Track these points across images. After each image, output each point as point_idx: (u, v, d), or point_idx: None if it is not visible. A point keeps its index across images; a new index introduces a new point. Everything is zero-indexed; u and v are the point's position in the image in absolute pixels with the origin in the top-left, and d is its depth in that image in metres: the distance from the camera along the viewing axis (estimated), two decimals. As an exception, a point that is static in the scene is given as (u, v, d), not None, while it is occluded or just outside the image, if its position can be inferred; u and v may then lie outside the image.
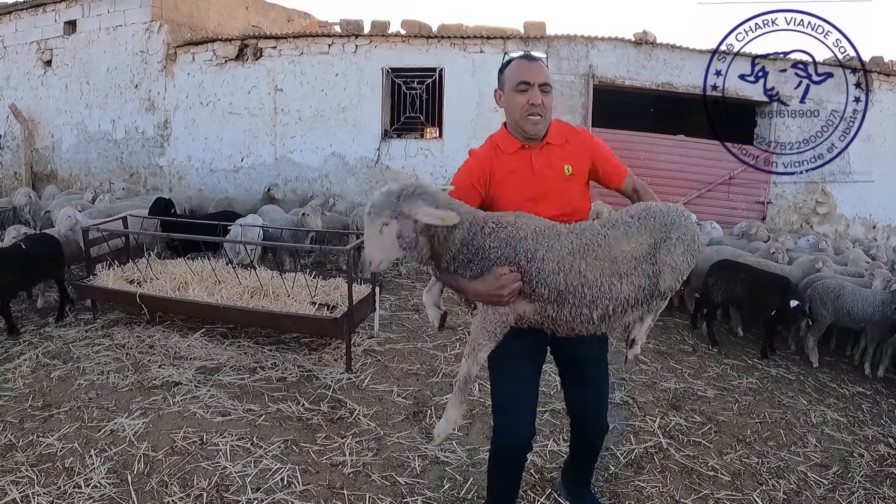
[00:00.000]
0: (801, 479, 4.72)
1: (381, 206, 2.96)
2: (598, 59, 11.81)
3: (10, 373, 5.94)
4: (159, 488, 4.19)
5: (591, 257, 2.95)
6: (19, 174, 16.33)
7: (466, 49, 12.08)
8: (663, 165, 11.89)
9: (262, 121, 13.55)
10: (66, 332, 7.00)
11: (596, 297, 2.97)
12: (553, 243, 2.97)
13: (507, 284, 2.92)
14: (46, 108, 16.09)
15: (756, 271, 7.57)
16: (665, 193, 11.68)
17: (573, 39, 11.82)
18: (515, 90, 3.24)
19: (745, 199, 11.97)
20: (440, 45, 12.14)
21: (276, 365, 6.24)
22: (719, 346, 7.50)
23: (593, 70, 11.77)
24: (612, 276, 2.96)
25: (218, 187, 13.60)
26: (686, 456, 4.92)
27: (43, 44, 15.90)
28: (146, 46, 14.43)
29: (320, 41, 12.95)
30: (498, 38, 12.02)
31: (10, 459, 4.51)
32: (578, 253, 2.95)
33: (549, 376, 6.25)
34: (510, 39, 11.96)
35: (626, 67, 11.88)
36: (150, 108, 14.62)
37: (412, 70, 12.40)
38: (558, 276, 2.94)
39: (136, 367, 6.11)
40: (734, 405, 5.92)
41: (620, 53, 11.86)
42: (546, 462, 4.73)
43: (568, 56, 11.82)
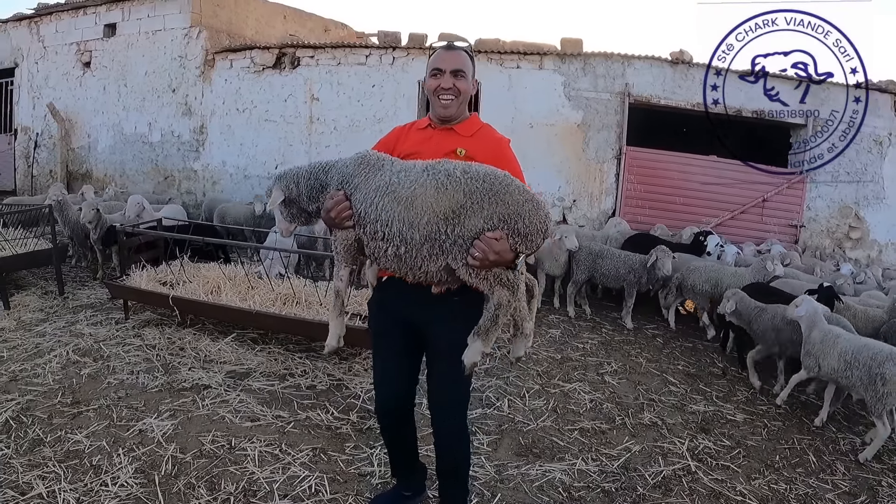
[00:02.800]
0: (829, 507, 4.65)
1: (271, 185, 3.62)
2: (635, 77, 11.78)
3: (39, 368, 5.98)
4: (186, 490, 4.19)
5: (391, 197, 3.08)
6: (55, 172, 16.53)
7: (503, 64, 12.10)
8: (696, 186, 11.82)
9: (297, 129, 13.63)
10: (97, 331, 7.04)
11: (389, 236, 3.09)
12: (373, 176, 3.20)
13: (332, 207, 3.24)
14: (84, 109, 16.30)
15: (787, 297, 7.48)
16: (698, 214, 11.67)
17: (610, 57, 11.80)
18: (430, 75, 3.55)
19: (778, 222, 11.86)
20: (477, 59, 12.04)
21: (307, 372, 6.24)
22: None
23: (629, 88, 11.74)
24: (404, 222, 3.05)
25: (251, 194, 13.63)
26: (714, 479, 4.86)
27: (83, 45, 16.13)
28: (185, 51, 14.59)
29: (358, 52, 13.02)
30: (535, 54, 12.01)
31: (37, 454, 4.53)
32: (383, 190, 3.12)
33: (579, 394, 6.26)
34: (547, 56, 11.96)
35: (662, 87, 11.84)
36: (187, 113, 14.76)
37: (448, 83, 12.32)
38: (364, 207, 3.16)
39: (166, 368, 6.14)
40: (763, 430, 5.85)
41: (657, 72, 11.82)
42: (574, 481, 4.69)
43: (604, 74, 11.80)
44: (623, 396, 6.34)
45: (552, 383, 6.54)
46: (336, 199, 3.23)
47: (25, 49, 17.10)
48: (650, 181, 11.84)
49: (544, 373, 6.83)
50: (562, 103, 11.92)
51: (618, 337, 8.28)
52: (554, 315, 8.98)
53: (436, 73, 3.51)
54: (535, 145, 12.03)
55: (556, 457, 5.04)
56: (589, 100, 11.86)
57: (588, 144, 11.90)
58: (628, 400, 6.26)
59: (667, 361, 7.48)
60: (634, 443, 5.36)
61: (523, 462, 4.91)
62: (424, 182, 3.02)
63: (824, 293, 6.96)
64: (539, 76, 11.98)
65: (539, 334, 8.12)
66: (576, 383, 6.56)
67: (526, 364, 7.02)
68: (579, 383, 6.57)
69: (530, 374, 6.76)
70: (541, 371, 6.87)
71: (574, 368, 7.04)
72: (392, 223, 3.05)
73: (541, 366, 7.03)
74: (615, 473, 4.85)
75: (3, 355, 6.26)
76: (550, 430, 5.48)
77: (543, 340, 7.90)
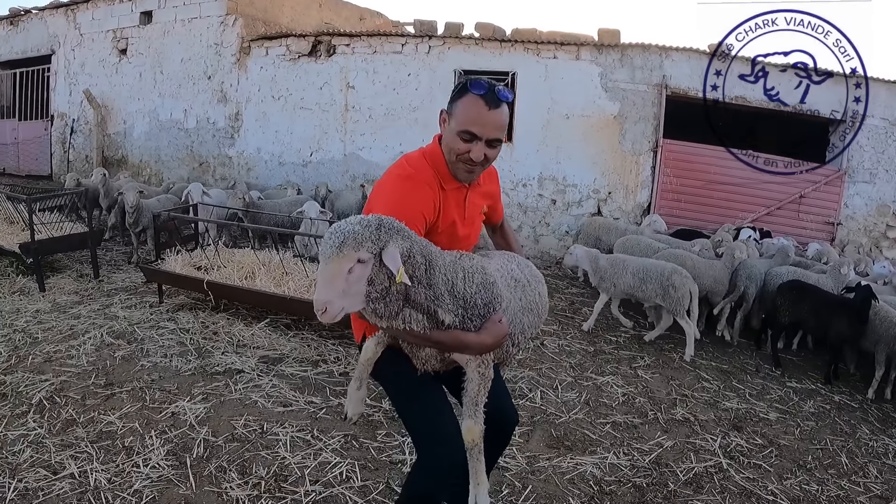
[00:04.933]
0: (861, 510, 4.58)
1: (361, 238, 2.36)
2: (672, 69, 11.62)
3: (74, 349, 6.06)
4: (217, 473, 4.22)
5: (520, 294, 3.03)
6: (90, 158, 16.67)
7: (540, 54, 12.00)
8: (734, 180, 11.66)
9: (332, 117, 13.61)
10: (132, 314, 7.11)
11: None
12: (507, 288, 2.93)
13: (506, 331, 2.75)
14: (119, 96, 16.42)
15: (826, 294, 7.38)
16: (734, 209, 11.52)
17: (647, 49, 11.66)
18: (458, 133, 2.82)
19: (815, 219, 11.66)
20: (513, 49, 12.06)
21: (339, 359, 6.26)
22: (782, 368, 7.33)
23: (666, 80, 11.61)
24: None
25: (286, 181, 13.67)
26: (746, 478, 4.82)
27: (119, 32, 16.21)
28: (220, 39, 14.64)
29: (393, 40, 12.98)
30: (572, 44, 11.89)
31: (70, 434, 4.59)
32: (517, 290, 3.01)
33: (611, 387, 6.23)
34: (584, 46, 11.83)
35: (700, 79, 11.69)
36: (222, 100, 14.81)
37: (484, 73, 12.22)
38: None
39: (200, 352, 6.18)
40: (796, 429, 5.78)
41: (695, 65, 11.65)
42: (605, 474, 4.67)
43: (641, 65, 11.67)
44: (656, 391, 6.29)
45: (585, 376, 6.51)
46: (506, 321, 2.77)
47: (62, 36, 17.23)
48: (686, 174, 11.70)
49: (577, 365, 6.80)
50: (598, 94, 11.79)
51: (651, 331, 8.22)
52: (587, 308, 8.92)
53: (467, 138, 2.81)
54: (571, 137, 11.93)
55: (588, 450, 5.01)
56: (626, 91, 11.73)
57: (624, 136, 11.77)
58: (661, 395, 6.21)
59: (700, 357, 7.40)
60: (666, 438, 5.32)
61: (555, 454, 4.89)
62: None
63: (861, 292, 6.84)
64: (576, 67, 11.86)
65: (572, 326, 8.09)
66: (608, 376, 6.53)
67: (559, 356, 7.00)
68: (612, 376, 6.54)
69: (563, 366, 6.74)
70: (574, 363, 6.84)
71: (607, 361, 7.00)
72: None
73: (574, 358, 7.00)
74: (646, 468, 4.83)
75: (38, 337, 6.34)
76: (583, 423, 5.46)
77: (577, 333, 7.86)
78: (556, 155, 12.06)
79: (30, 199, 7.85)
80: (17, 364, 5.69)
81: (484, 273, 2.73)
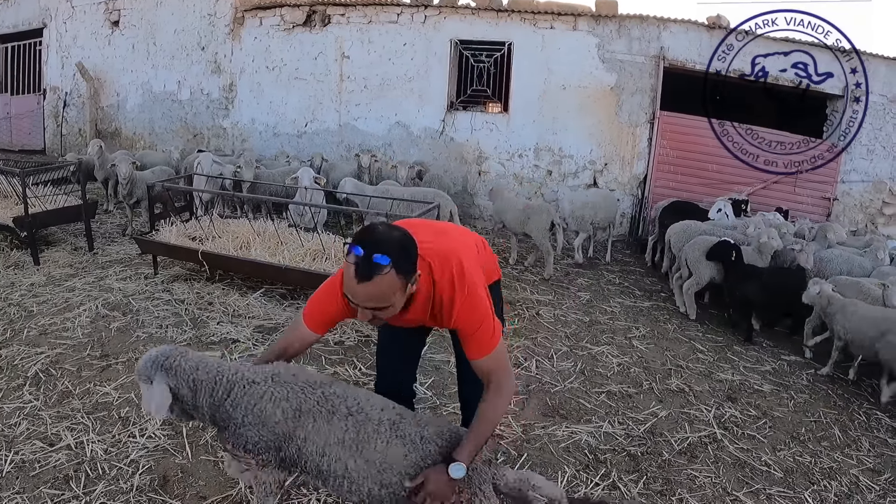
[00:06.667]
0: (852, 482, 4.59)
1: (139, 370, 3.07)
2: (670, 41, 11.56)
3: (69, 322, 6.05)
4: (213, 443, 4.22)
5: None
6: (84, 131, 16.59)
7: (536, 24, 11.91)
8: (729, 154, 11.64)
9: (327, 87, 13.53)
10: (126, 286, 7.10)
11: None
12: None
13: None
14: (112, 68, 16.29)
15: (770, 270, 7.46)
16: (730, 182, 11.49)
17: (645, 20, 11.59)
18: (344, 298, 2.78)
19: (811, 194, 11.64)
20: (510, 19, 11.97)
21: (335, 328, 6.24)
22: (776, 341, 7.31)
23: (664, 52, 11.55)
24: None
25: (280, 151, 13.61)
26: (740, 449, 4.85)
27: (111, 4, 16.04)
28: (214, 9, 14.50)
29: (389, 10, 12.85)
30: (569, 14, 11.80)
31: (66, 406, 4.61)
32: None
33: (606, 357, 6.23)
34: (581, 17, 11.73)
35: (698, 52, 11.61)
36: (216, 71, 14.71)
37: (481, 43, 12.27)
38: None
39: (195, 322, 6.18)
40: (790, 402, 5.79)
41: (693, 37, 11.59)
42: (599, 443, 4.69)
43: (639, 36, 11.60)
44: (651, 361, 6.31)
45: (580, 345, 6.53)
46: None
47: (53, 9, 17.03)
48: (683, 147, 11.67)
49: (573, 335, 6.82)
50: (595, 66, 11.73)
51: (647, 302, 8.21)
52: (583, 279, 8.93)
53: (348, 301, 2.71)
54: (568, 108, 11.89)
55: (583, 419, 5.04)
56: (623, 63, 11.66)
57: (621, 108, 11.73)
58: (656, 365, 6.23)
59: (695, 329, 7.41)
60: (661, 408, 5.34)
61: (550, 423, 4.91)
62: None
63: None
64: (573, 37, 11.78)
65: (568, 296, 8.10)
66: (604, 346, 6.54)
67: (554, 325, 7.01)
68: (607, 346, 6.55)
69: (559, 335, 6.75)
70: (569, 333, 6.86)
71: (602, 332, 7.01)
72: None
73: (569, 328, 7.01)
74: (641, 438, 4.85)
75: (33, 310, 6.34)
76: (577, 392, 5.48)
77: (573, 303, 7.87)
78: (552, 126, 12.03)
79: (23, 173, 7.80)
80: (13, 337, 5.68)
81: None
